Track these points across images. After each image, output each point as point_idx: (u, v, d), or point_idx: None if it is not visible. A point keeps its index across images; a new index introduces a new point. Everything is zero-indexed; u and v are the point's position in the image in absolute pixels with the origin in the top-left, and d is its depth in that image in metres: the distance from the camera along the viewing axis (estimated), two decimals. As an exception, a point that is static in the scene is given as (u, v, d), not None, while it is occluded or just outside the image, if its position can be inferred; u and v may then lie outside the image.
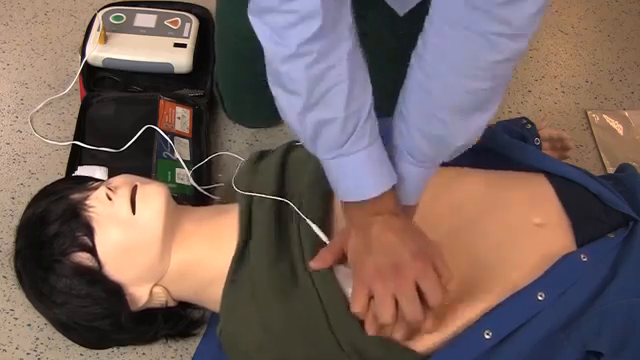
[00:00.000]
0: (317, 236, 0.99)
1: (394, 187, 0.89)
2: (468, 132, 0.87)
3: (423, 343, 0.94)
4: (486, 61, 0.78)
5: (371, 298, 0.88)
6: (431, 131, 0.86)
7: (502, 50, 0.77)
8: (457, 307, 0.95)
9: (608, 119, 1.55)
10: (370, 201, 0.88)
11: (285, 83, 0.82)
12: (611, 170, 1.42)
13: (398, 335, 0.90)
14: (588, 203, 1.04)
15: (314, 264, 0.95)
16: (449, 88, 0.82)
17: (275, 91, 0.85)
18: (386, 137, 0.90)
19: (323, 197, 1.03)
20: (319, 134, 0.84)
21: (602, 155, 1.48)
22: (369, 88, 0.85)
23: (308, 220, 1.00)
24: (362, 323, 0.90)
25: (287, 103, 0.84)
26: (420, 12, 0.86)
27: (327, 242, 0.98)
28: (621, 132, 1.53)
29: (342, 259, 0.96)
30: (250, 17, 0.80)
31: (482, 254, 0.98)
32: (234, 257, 1.00)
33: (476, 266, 0.97)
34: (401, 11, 1.09)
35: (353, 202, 0.90)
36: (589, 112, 1.56)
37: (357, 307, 0.88)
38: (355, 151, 0.85)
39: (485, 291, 0.95)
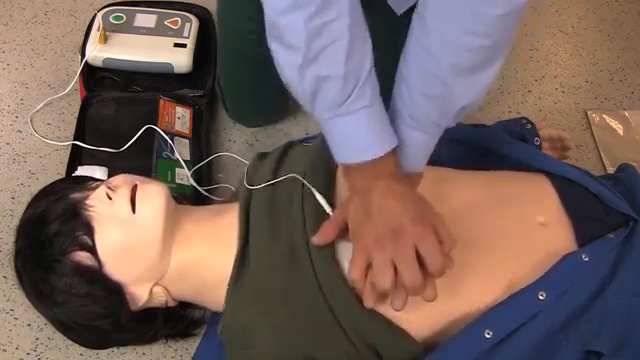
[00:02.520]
0: (320, 216, 0.97)
1: (395, 152, 0.87)
2: (471, 92, 0.85)
3: (421, 330, 0.93)
4: (486, 15, 0.77)
5: (369, 267, 0.87)
6: (432, 91, 0.84)
7: (502, 3, 0.76)
8: (457, 306, 0.95)
9: (608, 119, 1.55)
10: (370, 164, 0.86)
11: (284, 37, 0.80)
12: (611, 170, 1.42)
13: (397, 304, 0.87)
14: (588, 203, 1.04)
15: (316, 239, 0.93)
16: (449, 45, 0.80)
17: (273, 47, 0.83)
18: (387, 104, 0.88)
19: (325, 177, 1.02)
20: (318, 91, 0.82)
21: (602, 155, 1.48)
22: (369, 45, 0.83)
23: (313, 189, 0.98)
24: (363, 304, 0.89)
25: (286, 58, 0.82)
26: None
27: (330, 213, 0.96)
28: (621, 132, 1.53)
29: (344, 233, 0.94)
30: None
31: (482, 254, 0.98)
32: (236, 257, 1.00)
33: (477, 265, 0.97)
34: (399, 10, 1.09)
35: (353, 166, 0.88)
36: (589, 112, 1.56)
37: (354, 272, 0.87)
38: (355, 110, 0.83)
39: (486, 290, 0.95)
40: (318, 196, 0.98)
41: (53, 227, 0.98)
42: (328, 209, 0.97)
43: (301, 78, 0.82)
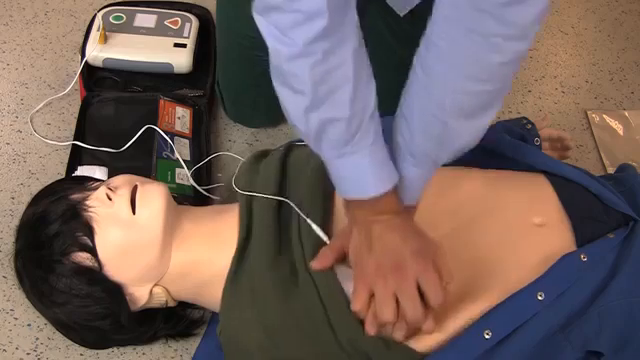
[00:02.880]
0: (318, 236, 0.99)
1: (395, 187, 0.89)
2: (469, 133, 0.87)
3: (423, 343, 0.94)
4: (488, 63, 0.78)
5: (372, 297, 0.88)
6: (432, 132, 0.86)
7: (504, 52, 0.77)
8: (457, 307, 0.95)
9: (608, 119, 1.55)
10: (372, 200, 0.88)
11: (290, 82, 0.82)
12: (611, 170, 1.42)
13: (398, 335, 0.90)
14: (588, 203, 1.04)
15: (315, 264, 0.95)
16: (451, 90, 0.82)
17: (279, 90, 0.84)
18: (387, 137, 0.90)
19: (324, 198, 1.03)
20: (323, 133, 0.84)
21: (602, 155, 1.48)
22: (373, 87, 0.85)
23: (309, 220, 1.00)
24: (363, 323, 0.90)
25: (292, 102, 0.84)
26: (420, 13, 0.87)
27: (327, 242, 0.98)
28: (621, 132, 1.53)
29: (343, 258, 0.96)
30: (255, 15, 0.80)
31: (482, 254, 0.99)
32: (234, 257, 1.00)
33: (476, 266, 0.97)
34: (401, 11, 1.09)
35: (355, 201, 0.90)
36: (589, 112, 1.56)
37: (358, 305, 0.89)
38: (358, 150, 0.85)
39: (485, 291, 0.95)
40: (314, 226, 0.99)
41: (53, 227, 0.98)
42: (325, 238, 0.99)
43: (307, 121, 0.83)
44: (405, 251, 0.88)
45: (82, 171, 1.23)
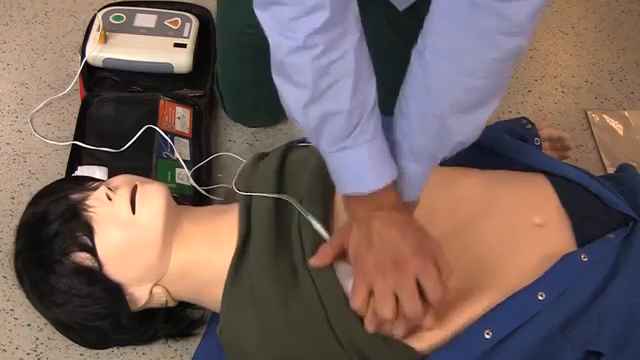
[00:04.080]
0: (317, 235, 0.99)
1: (395, 183, 0.89)
2: (468, 129, 0.87)
3: (423, 342, 0.94)
4: (486, 59, 0.79)
5: (371, 294, 0.88)
6: (430, 128, 0.86)
7: (502, 48, 0.78)
8: (457, 306, 0.95)
9: (608, 119, 1.55)
10: (371, 195, 0.87)
11: (290, 75, 0.81)
12: (611, 170, 1.42)
13: (398, 332, 0.90)
14: (588, 203, 1.04)
15: (314, 261, 0.95)
16: (448, 85, 0.82)
17: (279, 83, 0.84)
18: (387, 134, 0.90)
19: (323, 196, 1.03)
20: (323, 127, 0.84)
21: (602, 155, 1.48)
22: (374, 81, 0.85)
23: (309, 216, 1.00)
24: (362, 321, 0.90)
25: (292, 95, 0.84)
26: (419, 9, 0.87)
27: (327, 238, 0.98)
28: (621, 132, 1.53)
29: (342, 255, 0.95)
30: (256, 9, 0.80)
31: (482, 254, 0.98)
32: (234, 257, 1.00)
33: (476, 266, 0.97)
34: (401, 6, 1.09)
35: (354, 196, 0.89)
36: (589, 112, 1.56)
37: (357, 302, 0.88)
38: (358, 144, 0.85)
39: (485, 291, 0.95)
40: (315, 222, 0.99)
41: (53, 227, 0.98)
42: (325, 234, 0.99)
43: (306, 114, 0.83)
44: (404, 247, 0.87)
45: (82, 171, 1.23)
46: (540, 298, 0.93)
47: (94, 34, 1.43)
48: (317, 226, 0.99)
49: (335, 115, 0.83)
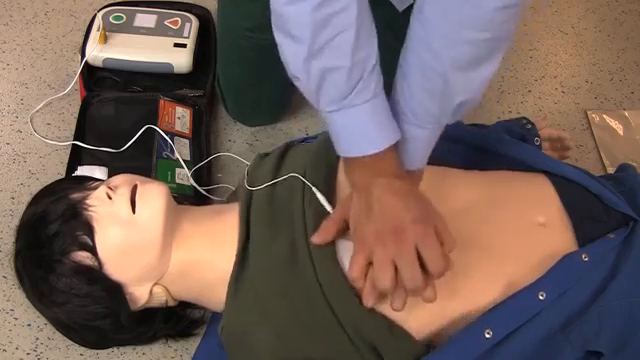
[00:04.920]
0: (321, 215, 0.97)
1: (397, 149, 0.87)
2: (470, 86, 0.85)
3: (421, 329, 0.93)
4: (485, 9, 0.77)
5: (370, 265, 0.86)
6: (432, 86, 0.84)
7: None
8: (457, 306, 0.95)
9: (608, 119, 1.55)
10: (372, 159, 0.86)
11: (290, 28, 0.80)
12: (611, 170, 1.42)
13: (397, 304, 0.87)
14: (588, 203, 1.04)
15: (316, 238, 0.93)
16: (449, 40, 0.80)
17: (279, 38, 0.82)
18: (390, 101, 0.88)
19: (326, 175, 1.02)
20: (323, 83, 0.82)
21: (602, 155, 1.48)
22: (375, 37, 0.83)
23: (314, 188, 0.98)
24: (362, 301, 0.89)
25: (291, 50, 0.82)
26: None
27: (331, 211, 0.96)
28: (621, 132, 1.53)
29: (345, 230, 0.94)
30: None
31: (483, 254, 0.98)
32: (236, 258, 1.00)
33: (477, 265, 0.97)
34: (400, 7, 1.09)
35: (355, 162, 0.88)
36: (589, 112, 1.56)
37: (354, 272, 0.87)
38: (359, 103, 0.83)
39: (486, 290, 0.95)
40: (318, 194, 0.98)
41: (53, 227, 0.98)
42: (328, 207, 0.97)
43: (306, 70, 0.81)
44: (405, 216, 0.85)
45: (82, 171, 1.23)
46: (540, 298, 0.93)
47: (94, 34, 1.43)
48: (321, 198, 0.97)
49: (336, 70, 0.80)
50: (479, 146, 1.17)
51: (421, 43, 0.82)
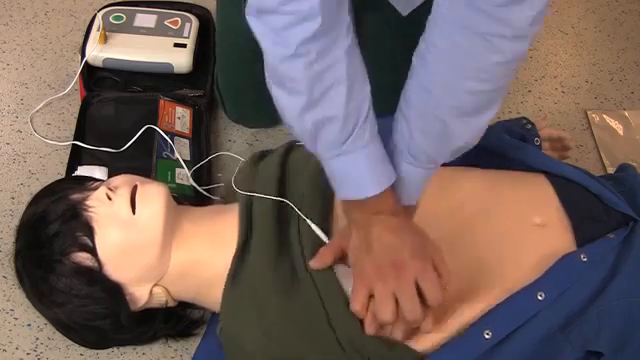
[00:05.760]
0: (317, 236, 0.99)
1: (394, 187, 0.89)
2: (469, 133, 0.87)
3: (423, 343, 0.94)
4: (487, 62, 0.79)
5: (371, 297, 0.89)
6: (431, 131, 0.86)
7: (502, 51, 0.78)
8: (457, 307, 0.95)
9: (608, 119, 1.55)
10: (370, 200, 0.88)
11: (285, 83, 0.82)
12: (611, 170, 1.42)
13: (397, 334, 0.91)
14: (588, 203, 1.04)
15: (314, 263, 0.96)
16: (450, 89, 0.82)
17: (274, 91, 0.85)
18: (386, 137, 0.90)
19: (323, 197, 1.03)
20: (319, 133, 0.84)
21: (602, 155, 1.48)
22: (368, 86, 0.85)
23: (308, 220, 1.00)
24: (362, 323, 0.91)
25: (287, 103, 0.84)
26: (421, 13, 0.87)
27: (327, 242, 0.98)
28: (621, 132, 1.53)
29: (342, 258, 0.96)
30: (248, 17, 0.80)
31: (482, 254, 0.99)
32: (234, 257, 1.00)
33: (476, 266, 0.97)
34: (405, 11, 1.09)
35: (353, 202, 0.90)
36: (589, 112, 1.56)
37: (357, 305, 0.89)
38: (355, 150, 0.85)
39: (485, 291, 0.96)
40: (314, 227, 1.00)
41: (53, 227, 0.98)
42: (324, 238, 0.99)
43: (302, 121, 0.84)
44: (404, 251, 0.88)
45: (82, 171, 1.23)
46: (540, 298, 0.93)
47: (94, 34, 1.43)
48: (316, 230, 0.99)
49: (330, 121, 0.83)
50: (479, 146, 1.17)
51: (422, 88, 0.84)
